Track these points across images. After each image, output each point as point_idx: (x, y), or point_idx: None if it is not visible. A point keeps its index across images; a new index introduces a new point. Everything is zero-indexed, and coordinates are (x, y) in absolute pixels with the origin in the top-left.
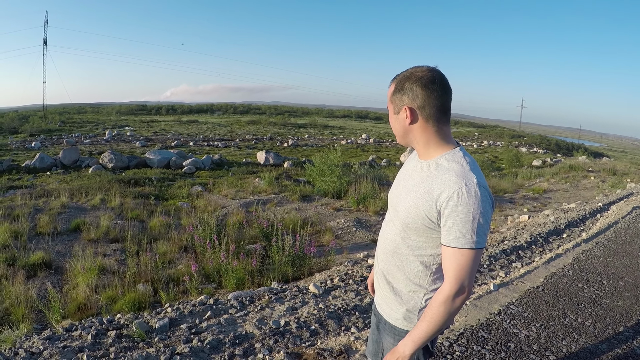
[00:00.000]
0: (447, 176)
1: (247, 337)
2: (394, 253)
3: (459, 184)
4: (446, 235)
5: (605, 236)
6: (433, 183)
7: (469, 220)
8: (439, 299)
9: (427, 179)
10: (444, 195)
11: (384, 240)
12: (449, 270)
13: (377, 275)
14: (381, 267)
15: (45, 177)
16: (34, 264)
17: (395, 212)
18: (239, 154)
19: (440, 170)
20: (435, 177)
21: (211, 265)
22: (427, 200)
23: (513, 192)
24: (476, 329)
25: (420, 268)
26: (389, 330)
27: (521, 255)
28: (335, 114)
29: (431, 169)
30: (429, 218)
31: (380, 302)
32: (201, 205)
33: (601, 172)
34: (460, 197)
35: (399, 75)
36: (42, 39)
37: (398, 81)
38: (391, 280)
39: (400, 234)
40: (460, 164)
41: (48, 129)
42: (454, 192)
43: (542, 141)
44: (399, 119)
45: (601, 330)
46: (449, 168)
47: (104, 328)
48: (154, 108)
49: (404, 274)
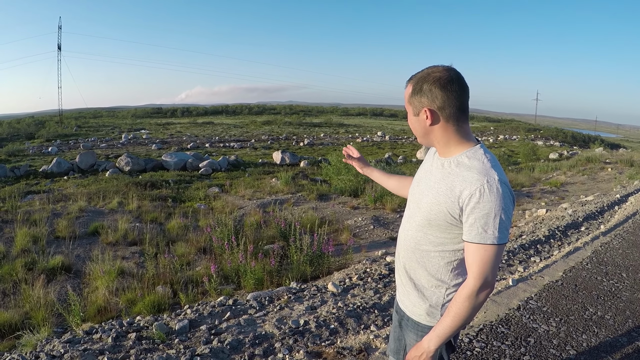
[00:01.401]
0: (468, 173)
1: (267, 337)
2: (416, 249)
3: (480, 181)
4: (468, 232)
5: (624, 228)
6: (455, 180)
7: (491, 216)
8: (463, 293)
9: (448, 176)
10: (466, 192)
11: (404, 237)
12: (472, 266)
13: (399, 271)
14: (403, 263)
15: (62, 181)
16: (53, 267)
17: (417, 209)
18: (255, 154)
19: (461, 167)
20: (456, 175)
21: (230, 266)
22: (449, 197)
23: (530, 186)
24: (495, 325)
25: (442, 263)
26: (412, 327)
27: (539, 249)
28: (351, 112)
29: (452, 166)
30: (451, 215)
31: (402, 299)
32: (218, 207)
33: (618, 163)
34: (482, 194)
35: (416, 75)
36: (56, 44)
37: (415, 82)
38: (413, 277)
39: (422, 230)
40: (481, 161)
41: (64, 134)
42: (475, 189)
43: (558, 134)
44: (419, 120)
45: (621, 323)
46: (470, 165)
47: (124, 330)
48: (169, 110)
49: (425, 269)
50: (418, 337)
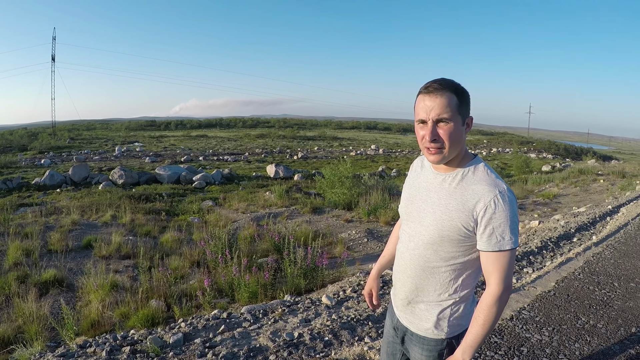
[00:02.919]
0: (479, 186)
1: (262, 349)
2: (425, 267)
3: (493, 192)
4: (487, 241)
5: (616, 238)
6: (464, 194)
7: (507, 224)
8: (489, 301)
9: (455, 191)
10: (480, 204)
11: (410, 256)
12: (494, 273)
13: (402, 289)
14: (409, 281)
15: (55, 194)
16: (46, 281)
17: (421, 226)
18: (249, 167)
19: (468, 181)
20: (465, 188)
21: (224, 279)
22: (461, 211)
23: (523, 198)
24: (489, 335)
25: (452, 277)
26: (418, 342)
27: (532, 260)
28: (344, 126)
29: (456, 180)
30: (465, 228)
31: (405, 316)
32: (212, 220)
33: (610, 175)
34: (497, 205)
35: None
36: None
37: (458, 91)
38: (420, 293)
39: (432, 247)
40: (486, 173)
41: (57, 146)
42: (490, 201)
43: (551, 146)
44: (462, 130)
45: (613, 332)
46: (478, 178)
47: (118, 344)
48: (163, 123)
49: (433, 285)
50: (424, 351)
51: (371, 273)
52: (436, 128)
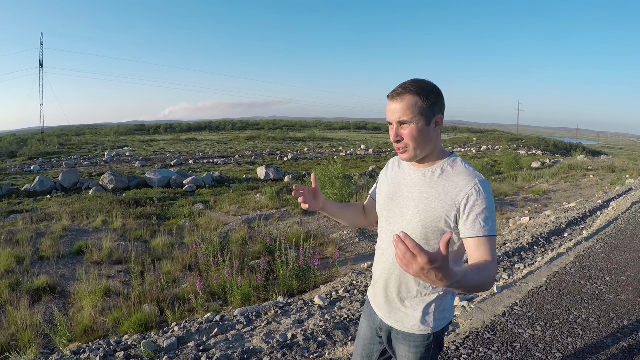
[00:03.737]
0: (459, 177)
1: (255, 351)
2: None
3: (473, 182)
4: (471, 228)
5: (606, 232)
6: (445, 186)
7: (487, 211)
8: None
9: (436, 183)
10: (462, 194)
11: (393, 252)
12: (484, 255)
13: (382, 290)
14: (391, 281)
15: (45, 200)
16: (38, 288)
17: (402, 222)
18: (239, 169)
19: (448, 173)
20: (445, 180)
21: (216, 282)
22: (444, 202)
23: (513, 194)
24: (481, 331)
25: None
26: (404, 339)
27: (523, 256)
28: (334, 126)
29: (436, 174)
30: (447, 218)
31: (389, 315)
32: (203, 223)
33: (600, 169)
34: (478, 193)
35: (417, 87)
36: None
37: (424, 92)
38: (403, 291)
39: (417, 240)
40: (464, 166)
41: (46, 152)
42: (471, 189)
43: (540, 143)
44: (429, 130)
45: (605, 325)
46: (457, 171)
47: (111, 349)
48: (152, 127)
49: (417, 280)
50: (411, 348)
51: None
52: (399, 129)
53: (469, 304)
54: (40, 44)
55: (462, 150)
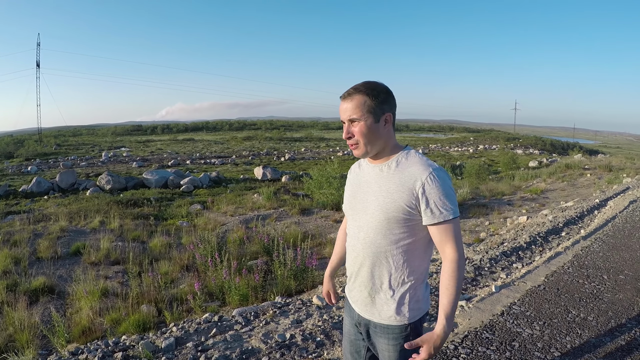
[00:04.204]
0: (414, 167)
1: (254, 351)
2: (378, 254)
3: (428, 170)
4: (432, 215)
5: (604, 232)
6: (402, 177)
7: (445, 196)
8: (452, 267)
9: (394, 176)
10: (418, 182)
11: (362, 246)
12: (447, 242)
13: (356, 285)
14: (363, 275)
15: (43, 201)
16: (35, 289)
17: (366, 215)
18: (236, 170)
19: (403, 165)
20: (402, 172)
21: (214, 282)
22: (402, 192)
23: (511, 194)
24: (480, 331)
25: (404, 259)
26: (382, 332)
27: (521, 255)
28: (331, 126)
29: (392, 167)
30: (408, 207)
31: (366, 309)
32: (201, 224)
33: (597, 169)
34: (433, 180)
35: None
36: (34, 62)
37: (372, 92)
38: (376, 283)
39: (381, 232)
40: (418, 157)
41: (44, 153)
42: (426, 178)
43: (538, 142)
44: (378, 127)
45: (604, 324)
46: (411, 162)
47: (110, 350)
48: (149, 128)
49: (388, 271)
50: (390, 341)
51: (325, 275)
52: (350, 127)
53: (468, 303)
54: (37, 45)
55: (459, 150)
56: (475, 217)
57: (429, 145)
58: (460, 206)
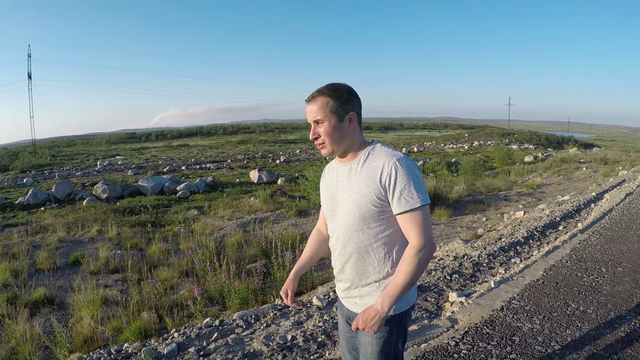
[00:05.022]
0: (379, 160)
1: (256, 354)
2: (359, 249)
3: (392, 160)
4: (398, 204)
5: (601, 224)
6: (369, 171)
7: (412, 184)
8: (410, 253)
9: (362, 172)
10: (384, 173)
11: (342, 244)
12: (412, 230)
13: (343, 281)
14: (347, 270)
15: (40, 212)
16: (36, 301)
17: (343, 213)
18: (232, 174)
19: (370, 160)
20: (369, 166)
21: (213, 287)
22: (371, 185)
23: (507, 189)
24: (480, 326)
25: (386, 250)
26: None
27: (519, 250)
28: None
29: (360, 163)
30: (378, 199)
31: (352, 303)
32: (198, 229)
33: (593, 162)
34: (398, 169)
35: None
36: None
37: (335, 93)
38: (361, 277)
39: (359, 228)
40: (383, 149)
41: (39, 164)
42: (391, 168)
43: (532, 137)
44: (342, 126)
45: (603, 316)
46: (377, 155)
47: (112, 358)
48: (143, 135)
49: (372, 265)
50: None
51: (289, 275)
52: (316, 128)
53: (467, 299)
54: (28, 57)
55: (454, 147)
56: (472, 214)
57: (423, 143)
58: (457, 202)
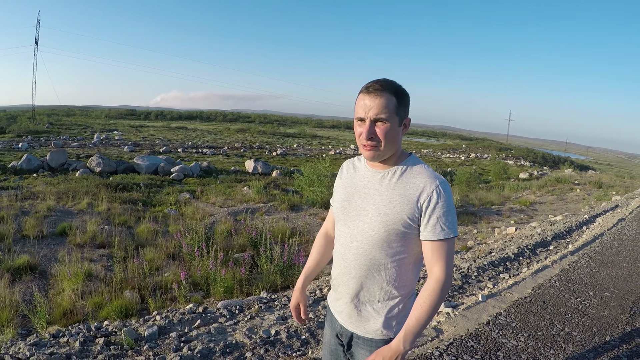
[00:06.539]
0: (420, 179)
1: (238, 346)
2: (371, 266)
3: (435, 184)
4: (433, 231)
5: (591, 248)
6: (406, 187)
7: (449, 213)
8: (436, 287)
9: (397, 186)
10: (424, 195)
11: (354, 257)
12: (439, 261)
13: (343, 295)
14: (352, 285)
15: (31, 179)
16: (19, 267)
17: (362, 225)
18: (227, 161)
19: (408, 175)
20: (407, 182)
21: (199, 273)
22: (406, 204)
23: (500, 204)
24: (465, 339)
25: (398, 272)
26: (365, 345)
27: (509, 266)
28: (324, 124)
29: (396, 176)
30: (410, 221)
31: (351, 320)
32: (189, 213)
33: (587, 184)
34: (440, 195)
35: (393, 87)
36: (33, 39)
37: (399, 93)
38: (365, 295)
39: (378, 245)
40: (424, 167)
41: (36, 130)
42: (432, 191)
43: (529, 154)
44: (399, 131)
45: (588, 340)
46: (417, 172)
47: (91, 335)
48: (143, 113)
49: (379, 284)
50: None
51: (296, 285)
52: (373, 127)
53: (454, 310)
54: (37, 22)
55: (451, 157)
56: (464, 225)
57: (421, 150)
58: None
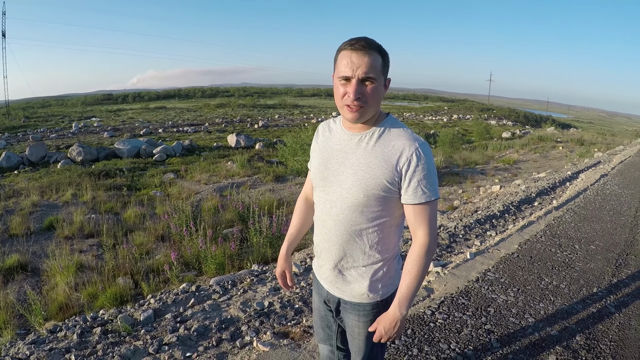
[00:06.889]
0: (399, 141)
1: (233, 320)
2: (352, 231)
3: (414, 146)
4: (414, 194)
5: (575, 203)
6: (385, 150)
7: (430, 175)
8: (421, 252)
9: (375, 149)
10: (403, 158)
11: (335, 222)
12: (422, 224)
13: (326, 262)
14: (334, 251)
15: (13, 176)
16: (9, 267)
17: (342, 189)
18: (209, 138)
19: (386, 138)
20: (385, 145)
21: (190, 252)
22: (385, 168)
23: (484, 163)
24: (456, 297)
25: (379, 237)
26: (353, 309)
27: (495, 224)
28: (305, 93)
29: (374, 138)
30: (390, 185)
31: (336, 286)
32: (175, 193)
33: (569, 142)
34: (420, 157)
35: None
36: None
37: (382, 52)
38: (348, 260)
39: (358, 209)
40: (403, 129)
41: (12, 126)
42: (412, 154)
43: (511, 114)
44: (383, 92)
45: (576, 292)
46: (395, 134)
47: (88, 326)
48: (120, 96)
49: (362, 248)
50: (361, 317)
51: (281, 252)
52: (361, 86)
53: (443, 269)
54: (3, 14)
55: (433, 119)
56: (449, 185)
57: (403, 113)
58: None
